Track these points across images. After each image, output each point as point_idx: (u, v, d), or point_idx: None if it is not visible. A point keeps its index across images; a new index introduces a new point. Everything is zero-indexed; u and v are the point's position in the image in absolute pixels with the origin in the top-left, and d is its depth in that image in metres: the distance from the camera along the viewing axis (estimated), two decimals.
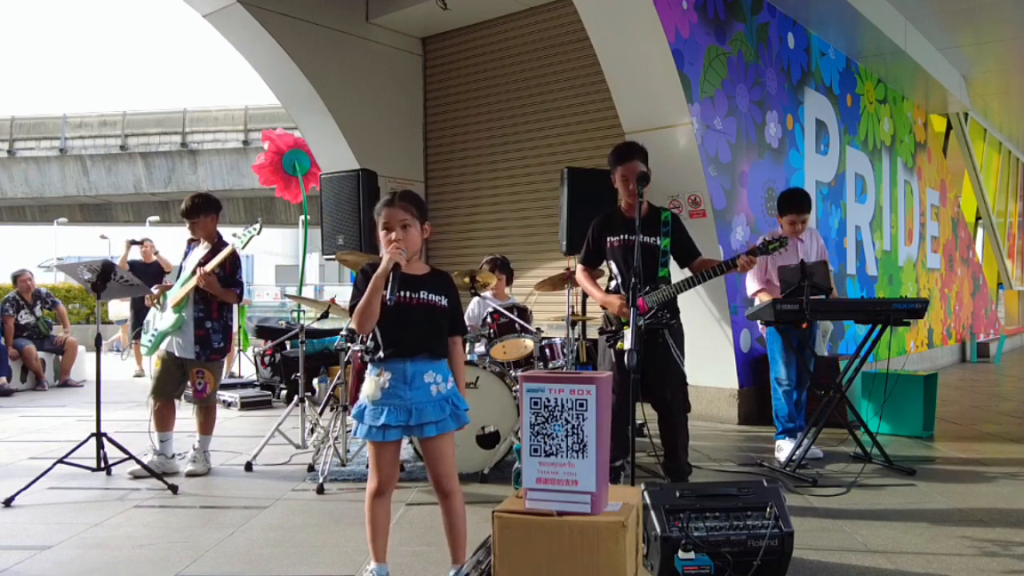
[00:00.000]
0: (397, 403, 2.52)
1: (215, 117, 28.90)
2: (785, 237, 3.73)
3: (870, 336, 4.73)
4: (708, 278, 3.70)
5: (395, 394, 2.53)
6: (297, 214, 19.73)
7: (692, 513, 2.75)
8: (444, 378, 2.60)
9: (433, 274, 2.68)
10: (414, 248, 2.60)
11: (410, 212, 2.58)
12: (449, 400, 2.58)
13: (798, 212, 4.93)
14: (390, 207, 2.58)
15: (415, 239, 2.60)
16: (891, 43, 8.19)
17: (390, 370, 2.54)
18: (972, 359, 12.27)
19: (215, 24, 7.35)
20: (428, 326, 2.58)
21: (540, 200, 7.82)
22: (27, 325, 8.92)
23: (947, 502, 3.89)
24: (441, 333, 2.62)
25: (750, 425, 6.08)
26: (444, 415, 2.56)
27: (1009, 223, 16.80)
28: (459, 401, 2.62)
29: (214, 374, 4.56)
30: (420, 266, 2.68)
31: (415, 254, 2.63)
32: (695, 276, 3.71)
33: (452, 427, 2.58)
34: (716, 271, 3.68)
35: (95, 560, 3.09)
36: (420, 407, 2.53)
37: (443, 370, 2.61)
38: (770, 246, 3.65)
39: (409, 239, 2.56)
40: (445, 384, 2.59)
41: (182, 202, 4.63)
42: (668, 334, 3.73)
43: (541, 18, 7.80)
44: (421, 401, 2.53)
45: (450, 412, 2.58)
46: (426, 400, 2.54)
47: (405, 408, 2.52)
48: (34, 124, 29.76)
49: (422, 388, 2.54)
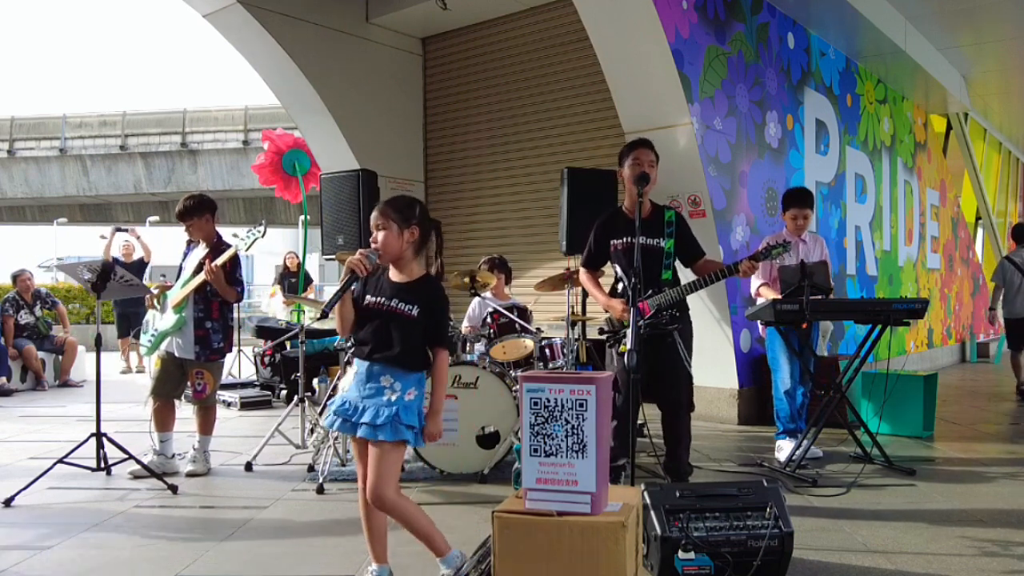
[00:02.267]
0: (351, 397, 2.60)
1: (215, 117, 28.88)
2: (788, 241, 3.73)
3: (870, 336, 4.73)
4: (710, 282, 3.69)
5: (353, 389, 2.61)
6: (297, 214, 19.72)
7: (692, 513, 2.75)
8: (404, 388, 2.55)
9: (415, 282, 2.64)
10: (388, 251, 2.60)
11: (387, 216, 2.61)
12: (397, 411, 2.51)
13: (799, 206, 4.97)
14: (376, 211, 2.64)
15: (390, 243, 2.59)
16: (891, 43, 8.19)
17: (358, 366, 2.62)
18: (972, 359, 12.27)
19: (215, 24, 7.35)
20: (388, 333, 2.56)
21: (540, 200, 7.82)
22: (27, 325, 8.92)
23: (947, 502, 3.89)
24: (407, 342, 2.56)
25: (750, 425, 6.09)
26: (381, 422, 2.50)
27: (1009, 223, 16.78)
28: (406, 416, 2.52)
29: (213, 375, 4.56)
30: (412, 270, 2.65)
31: (393, 257, 2.62)
32: (699, 280, 3.71)
33: (382, 437, 2.50)
34: (719, 275, 3.67)
35: (95, 560, 3.09)
36: (364, 408, 2.54)
37: (407, 380, 2.56)
38: (773, 251, 3.65)
39: (383, 243, 2.59)
40: (402, 395, 2.54)
41: (176, 205, 4.63)
42: (677, 334, 3.71)
43: (541, 18, 7.79)
44: (369, 403, 2.55)
45: (388, 422, 2.50)
46: (375, 403, 2.54)
47: (353, 404, 2.58)
48: (34, 124, 29.74)
49: (376, 391, 2.56)
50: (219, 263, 4.33)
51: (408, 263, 2.65)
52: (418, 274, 2.67)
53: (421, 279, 2.66)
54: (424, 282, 2.66)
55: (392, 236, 2.60)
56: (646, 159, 3.76)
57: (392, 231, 2.60)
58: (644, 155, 3.77)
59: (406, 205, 2.65)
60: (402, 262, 2.64)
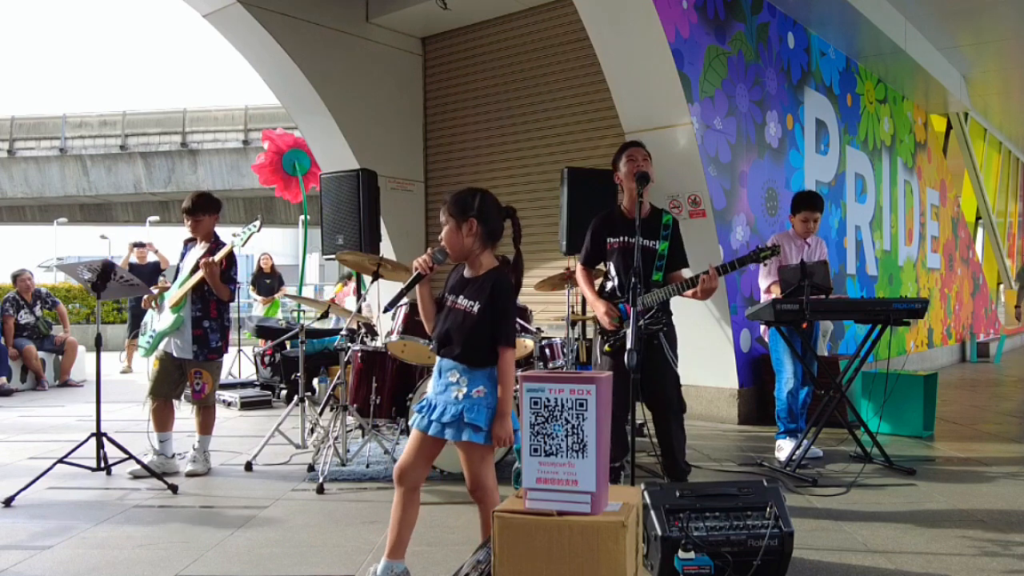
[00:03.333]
0: (430, 395, 2.64)
1: (215, 117, 28.88)
2: (777, 246, 3.68)
3: (870, 336, 4.73)
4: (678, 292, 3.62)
5: (432, 386, 2.66)
6: (297, 214, 19.74)
7: (692, 513, 2.75)
8: (471, 385, 2.54)
9: (482, 276, 2.60)
10: (451, 247, 2.61)
11: (446, 212, 2.61)
12: (462, 410, 2.52)
13: (811, 209, 4.99)
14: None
15: (450, 238, 2.60)
16: (891, 43, 8.19)
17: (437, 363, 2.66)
18: (972, 359, 12.27)
19: (215, 24, 7.35)
20: (452, 330, 2.58)
21: (539, 200, 7.82)
22: (27, 325, 8.92)
23: (947, 502, 3.89)
24: (469, 340, 2.54)
25: (750, 425, 6.08)
26: (447, 420, 2.53)
27: (1009, 223, 16.80)
28: (471, 414, 2.51)
29: (212, 374, 4.56)
30: (482, 262, 2.62)
31: (458, 253, 2.62)
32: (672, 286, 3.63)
33: (447, 437, 2.53)
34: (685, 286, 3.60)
35: (95, 560, 3.09)
36: (436, 403, 2.59)
37: (473, 376, 2.55)
38: (762, 254, 3.61)
39: (445, 239, 2.61)
40: (469, 392, 2.54)
41: (183, 201, 4.64)
42: (663, 336, 3.72)
43: (541, 18, 7.79)
44: (440, 399, 2.59)
45: (454, 421, 2.52)
46: (444, 400, 2.58)
47: (430, 401, 2.62)
48: (34, 124, 29.74)
49: (445, 388, 2.59)
50: (217, 258, 4.33)
51: (476, 256, 2.62)
52: (488, 267, 2.62)
53: (488, 273, 2.61)
54: (490, 276, 2.59)
55: (452, 231, 2.59)
56: (639, 155, 3.76)
57: (451, 226, 2.59)
58: (637, 152, 3.77)
59: (463, 198, 2.61)
60: (471, 256, 2.62)
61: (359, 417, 4.62)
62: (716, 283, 3.54)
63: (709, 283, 3.53)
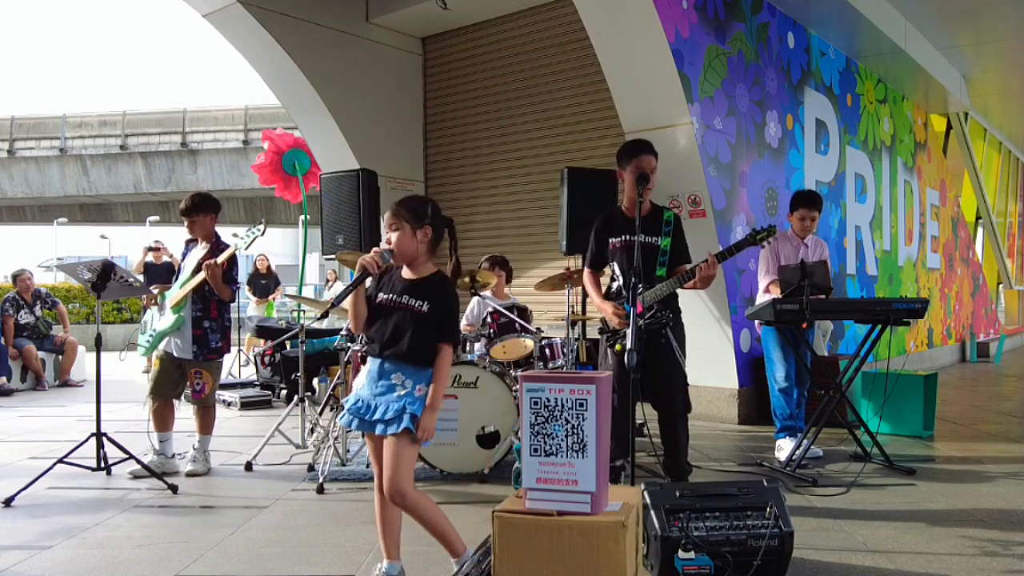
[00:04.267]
0: (364, 395, 2.64)
1: (215, 117, 28.89)
2: (773, 226, 3.66)
3: (870, 336, 4.73)
4: (679, 284, 3.64)
5: (366, 387, 2.65)
6: (297, 214, 19.72)
7: (692, 513, 2.75)
8: (414, 384, 2.58)
9: (427, 279, 2.68)
10: (403, 251, 2.64)
11: (400, 216, 2.65)
12: (404, 405, 2.54)
13: (808, 207, 4.98)
14: (389, 212, 2.68)
15: (404, 243, 2.64)
16: (891, 43, 8.19)
17: (370, 364, 2.67)
18: (972, 359, 12.27)
19: (215, 24, 7.35)
20: (397, 329, 2.60)
21: (539, 200, 7.82)
22: (27, 325, 8.92)
23: (947, 502, 3.89)
24: (416, 338, 2.59)
25: (750, 425, 6.08)
26: (390, 417, 2.54)
27: (1009, 223, 16.79)
28: (413, 408, 2.54)
29: (212, 374, 4.56)
30: (424, 267, 2.70)
31: (407, 256, 2.66)
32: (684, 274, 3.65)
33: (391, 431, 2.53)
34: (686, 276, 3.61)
35: (95, 560, 3.09)
36: (377, 405, 2.59)
37: (417, 376, 2.59)
38: (758, 236, 3.59)
39: (397, 243, 2.64)
40: (412, 390, 2.57)
41: (181, 201, 4.64)
42: (670, 333, 3.71)
43: (541, 18, 7.79)
44: (381, 400, 2.59)
45: (397, 416, 2.53)
46: (386, 400, 2.58)
47: (367, 402, 2.62)
48: (34, 124, 29.75)
49: (387, 388, 2.60)
50: (220, 260, 4.33)
51: (422, 262, 2.70)
52: (430, 272, 2.71)
53: (432, 276, 2.70)
54: (435, 279, 2.69)
55: (406, 236, 2.64)
56: (648, 167, 3.74)
57: (406, 231, 2.64)
58: (646, 163, 3.75)
59: (418, 205, 2.69)
60: (416, 261, 2.69)
61: None
62: (715, 270, 3.56)
63: (708, 270, 3.54)
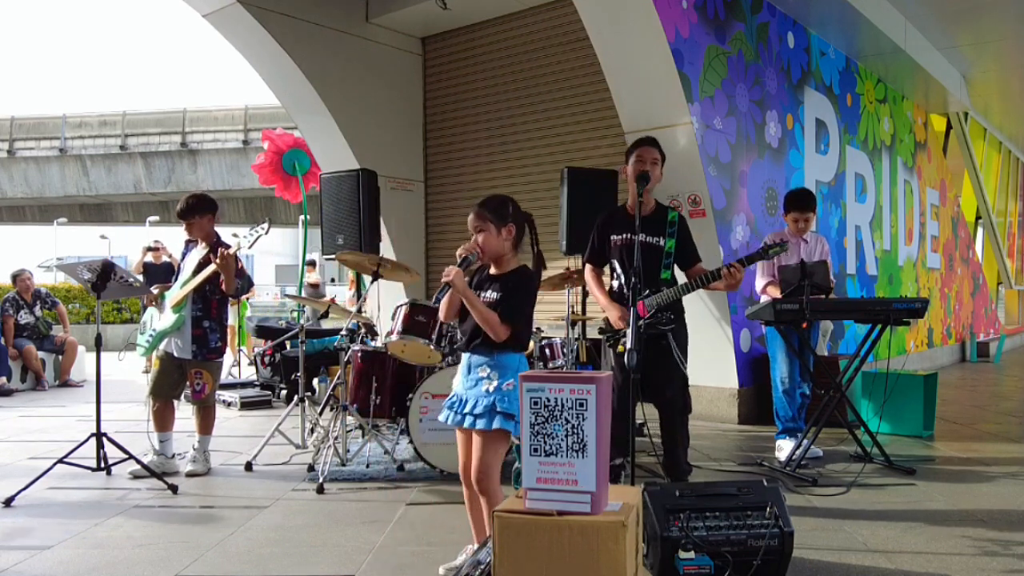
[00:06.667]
0: (459, 391, 2.78)
1: (215, 117, 28.87)
2: (785, 241, 3.70)
3: (870, 336, 4.73)
4: (700, 285, 3.66)
5: (459, 382, 2.80)
6: (297, 214, 19.71)
7: (692, 513, 2.75)
8: (501, 378, 2.68)
9: (508, 273, 2.79)
10: (490, 251, 2.76)
11: (484, 218, 2.75)
12: (494, 401, 2.64)
13: (800, 210, 4.98)
14: (472, 214, 2.78)
15: (490, 243, 2.75)
16: (891, 43, 8.19)
17: (462, 360, 2.81)
18: (972, 359, 12.27)
19: (215, 24, 7.35)
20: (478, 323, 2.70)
21: (539, 200, 7.81)
22: (27, 325, 8.92)
23: (947, 502, 3.89)
24: None
25: (750, 425, 6.08)
26: (479, 411, 2.65)
27: (1009, 223, 16.79)
28: (503, 404, 2.63)
29: (212, 374, 4.56)
30: (510, 263, 2.81)
31: (495, 255, 2.78)
32: (694, 280, 3.67)
33: (480, 427, 2.64)
34: (708, 278, 3.63)
35: (95, 560, 3.09)
36: (467, 398, 2.71)
37: (501, 368, 2.69)
38: (771, 251, 3.63)
39: (484, 244, 2.75)
40: (500, 384, 2.67)
41: (178, 204, 4.63)
42: (671, 336, 3.70)
43: (541, 18, 7.79)
44: (471, 393, 2.71)
45: (486, 412, 2.64)
46: (475, 394, 2.70)
47: (460, 397, 2.76)
48: (34, 124, 29.73)
49: (475, 382, 2.72)
50: (232, 251, 4.31)
51: (508, 259, 2.82)
52: (514, 266, 2.82)
53: (514, 271, 2.81)
54: (514, 272, 2.80)
55: (492, 236, 2.76)
56: (649, 156, 3.74)
57: (491, 231, 2.76)
58: (647, 153, 3.75)
59: (500, 205, 2.79)
60: (503, 259, 2.81)
61: (359, 417, 4.62)
62: (742, 275, 3.60)
63: (738, 275, 3.56)
